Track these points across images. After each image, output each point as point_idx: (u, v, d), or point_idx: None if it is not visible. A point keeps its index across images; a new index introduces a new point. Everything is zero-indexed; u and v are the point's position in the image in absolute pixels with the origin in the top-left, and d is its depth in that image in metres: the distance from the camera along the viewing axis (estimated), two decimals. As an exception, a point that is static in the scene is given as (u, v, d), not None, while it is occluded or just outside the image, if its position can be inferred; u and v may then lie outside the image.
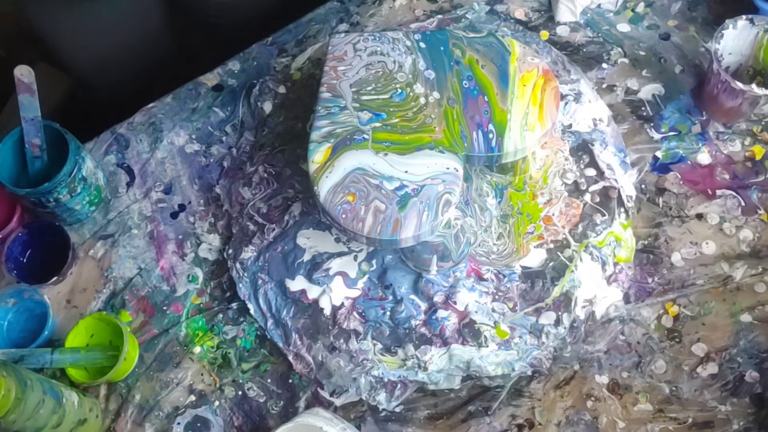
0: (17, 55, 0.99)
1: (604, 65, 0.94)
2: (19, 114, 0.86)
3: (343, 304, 0.83)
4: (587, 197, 0.85)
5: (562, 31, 0.97)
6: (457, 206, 0.74)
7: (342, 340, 0.81)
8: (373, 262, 0.84)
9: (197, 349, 0.85)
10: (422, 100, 0.78)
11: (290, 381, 0.83)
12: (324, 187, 0.73)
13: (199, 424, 0.82)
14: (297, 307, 0.84)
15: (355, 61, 0.81)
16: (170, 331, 0.86)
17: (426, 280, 0.82)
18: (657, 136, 0.90)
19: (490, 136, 0.75)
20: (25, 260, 0.89)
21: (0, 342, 0.85)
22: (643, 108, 0.92)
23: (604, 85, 0.93)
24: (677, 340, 0.81)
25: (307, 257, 0.84)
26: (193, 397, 0.84)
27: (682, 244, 0.85)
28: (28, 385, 0.70)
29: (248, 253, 0.86)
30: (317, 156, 0.75)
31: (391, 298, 0.82)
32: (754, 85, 0.83)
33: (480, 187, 0.85)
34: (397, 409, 0.81)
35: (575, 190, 0.86)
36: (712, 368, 0.79)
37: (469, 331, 0.80)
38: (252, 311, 0.85)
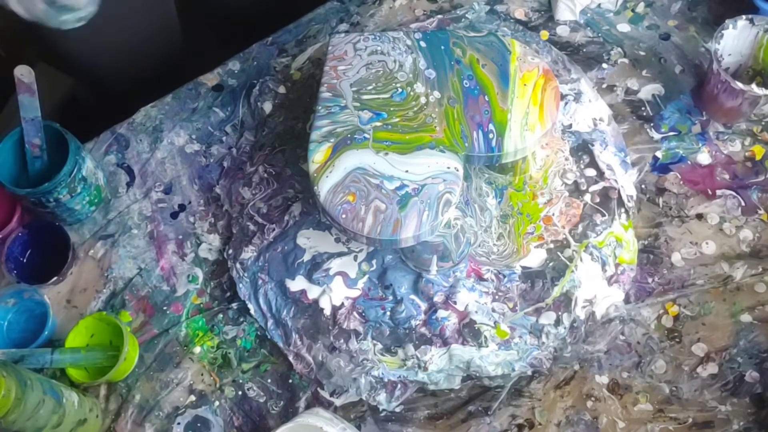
0: (17, 55, 0.99)
1: (604, 65, 0.94)
2: (19, 114, 0.86)
3: (343, 304, 0.82)
4: (587, 197, 0.85)
5: (562, 31, 0.97)
6: (457, 206, 0.74)
7: (342, 340, 0.81)
8: (373, 262, 0.84)
9: (197, 349, 0.85)
10: (423, 100, 0.78)
11: (290, 381, 0.83)
12: (324, 187, 0.73)
13: (199, 424, 0.82)
14: (297, 307, 0.83)
15: (355, 60, 0.81)
16: (170, 331, 0.86)
17: (426, 280, 0.82)
18: (657, 136, 0.90)
19: (491, 135, 0.75)
20: (25, 260, 0.89)
21: (0, 342, 0.85)
22: (643, 108, 0.92)
23: (604, 85, 0.93)
24: (677, 340, 0.81)
25: (307, 257, 0.84)
26: (193, 397, 0.84)
27: (682, 244, 0.85)
28: (28, 385, 0.70)
29: (248, 253, 0.86)
30: (317, 156, 0.75)
31: (391, 298, 0.82)
32: (754, 85, 0.83)
33: (480, 187, 0.85)
34: (397, 409, 0.81)
35: (575, 190, 0.86)
36: (712, 368, 0.79)
37: (469, 331, 0.80)
38: (252, 311, 0.85)
